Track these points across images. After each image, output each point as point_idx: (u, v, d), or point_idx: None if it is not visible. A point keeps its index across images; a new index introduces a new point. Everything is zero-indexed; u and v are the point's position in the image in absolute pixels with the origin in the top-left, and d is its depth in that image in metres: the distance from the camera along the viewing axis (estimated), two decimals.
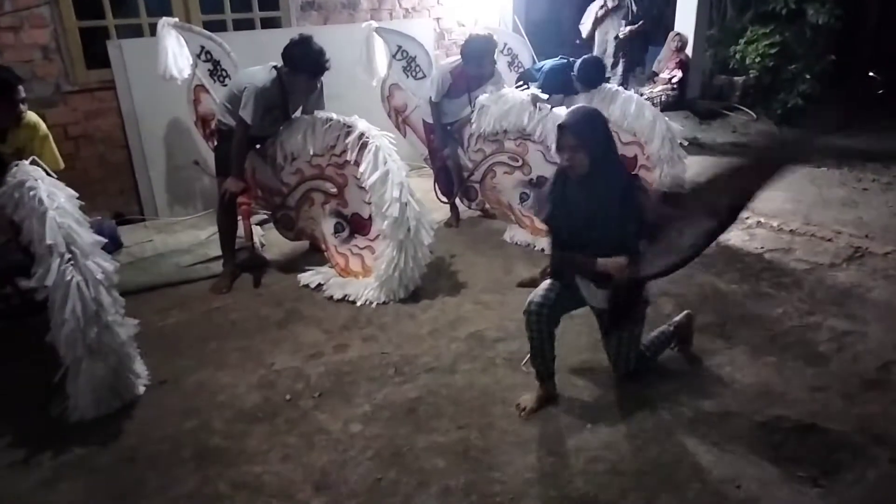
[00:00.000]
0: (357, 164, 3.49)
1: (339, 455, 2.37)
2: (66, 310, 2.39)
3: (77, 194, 2.59)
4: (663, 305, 3.39)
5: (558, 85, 4.47)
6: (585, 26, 7.10)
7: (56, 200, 2.47)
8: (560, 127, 2.40)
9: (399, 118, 4.87)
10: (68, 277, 2.39)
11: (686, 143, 4.47)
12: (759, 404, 2.58)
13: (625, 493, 2.16)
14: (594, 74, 4.41)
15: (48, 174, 2.60)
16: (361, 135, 3.49)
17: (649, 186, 4.35)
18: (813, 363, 2.85)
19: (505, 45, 5.54)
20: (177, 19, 4.31)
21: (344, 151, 3.56)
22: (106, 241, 2.64)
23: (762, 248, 4.07)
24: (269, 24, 5.32)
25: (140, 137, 4.68)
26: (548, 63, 4.63)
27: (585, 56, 4.62)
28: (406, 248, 3.42)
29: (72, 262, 2.42)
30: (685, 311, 2.96)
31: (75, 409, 2.54)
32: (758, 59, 7.62)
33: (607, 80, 4.64)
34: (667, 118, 4.39)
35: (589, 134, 2.37)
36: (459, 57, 4.25)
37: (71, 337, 2.42)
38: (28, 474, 2.32)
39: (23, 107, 2.96)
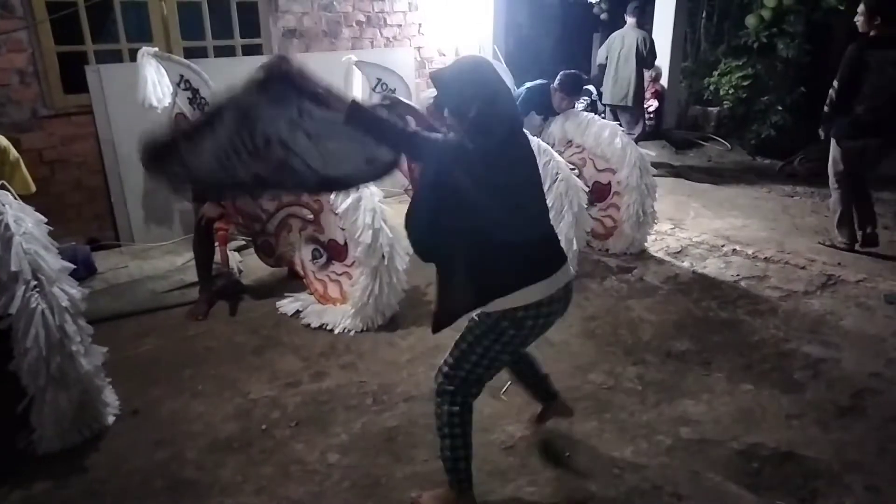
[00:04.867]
0: None
1: (315, 486, 2.32)
2: (29, 338, 2.32)
3: (46, 219, 2.55)
4: (642, 332, 3.42)
5: (537, 105, 4.54)
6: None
7: (23, 226, 2.42)
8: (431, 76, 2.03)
9: None
10: (33, 305, 2.33)
11: (656, 172, 4.54)
12: (736, 431, 2.59)
13: None
14: (571, 83, 4.46)
15: (16, 199, 2.55)
16: None
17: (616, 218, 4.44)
18: (789, 390, 2.88)
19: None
20: (157, 49, 4.32)
21: None
22: (74, 267, 2.58)
23: (738, 275, 4.13)
24: (250, 51, 5.34)
25: (117, 162, 4.64)
26: (528, 84, 4.71)
27: (565, 70, 4.68)
28: (381, 274, 3.41)
29: (37, 289, 2.36)
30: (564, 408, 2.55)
31: (41, 440, 2.47)
32: (731, 91, 7.82)
33: (589, 95, 4.70)
34: (639, 147, 4.48)
35: (449, 86, 1.96)
36: (434, 93, 4.29)
37: (34, 366, 2.35)
38: None
39: None
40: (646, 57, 6.51)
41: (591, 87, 6.61)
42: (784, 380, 2.96)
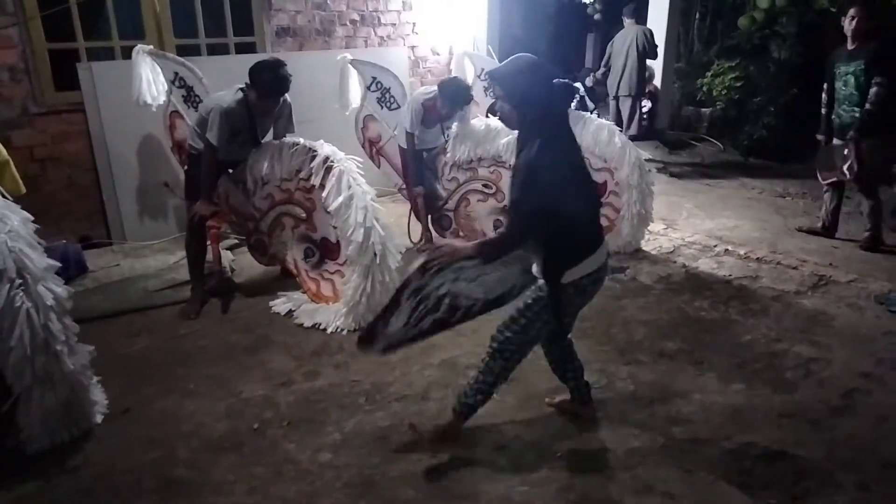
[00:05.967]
0: (322, 187, 3.48)
1: (307, 486, 2.32)
2: (14, 337, 2.30)
3: (32, 217, 2.52)
4: (635, 331, 3.42)
5: None
6: None
7: (8, 224, 2.39)
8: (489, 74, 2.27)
9: (373, 149, 4.87)
10: (17, 304, 2.31)
11: (655, 171, 4.56)
12: (728, 431, 2.60)
13: None
14: (562, 95, 4.47)
15: (4, 196, 2.53)
16: (326, 159, 3.49)
17: (616, 212, 4.46)
18: (780, 390, 2.89)
19: (482, 70, 5.63)
20: (151, 46, 4.30)
21: (311, 175, 3.55)
22: (60, 265, 2.55)
23: (730, 275, 4.14)
24: (244, 49, 5.32)
25: (109, 160, 4.62)
26: None
27: (562, 80, 4.71)
28: (373, 273, 3.40)
29: (22, 287, 2.33)
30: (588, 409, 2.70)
31: (30, 439, 2.44)
32: (724, 92, 7.85)
33: (592, 111, 4.73)
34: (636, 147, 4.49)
35: (512, 82, 2.14)
36: (433, 88, 4.29)
37: (19, 365, 2.33)
38: None
39: None
40: (647, 48, 6.88)
41: (578, 85, 6.68)
42: (775, 379, 2.97)
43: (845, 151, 4.33)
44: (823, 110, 4.61)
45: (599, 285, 2.33)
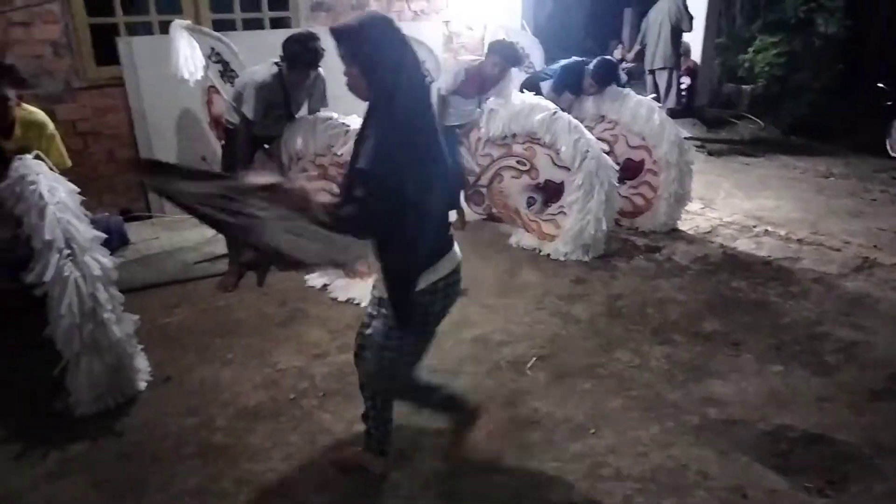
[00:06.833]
0: None
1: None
2: (63, 305, 2.38)
3: (79, 189, 2.59)
4: (669, 312, 3.38)
5: (570, 84, 4.47)
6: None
7: (56, 195, 2.46)
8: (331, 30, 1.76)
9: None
10: (66, 273, 2.39)
11: (694, 150, 4.47)
12: (765, 413, 2.56)
13: (629, 499, 2.15)
14: (604, 74, 4.40)
15: (52, 169, 2.59)
16: None
17: (653, 192, 4.38)
18: (820, 373, 2.83)
19: (517, 44, 5.54)
20: (189, 21, 4.32)
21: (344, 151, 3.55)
22: (106, 236, 2.62)
23: (770, 256, 4.05)
24: (278, 24, 5.32)
25: (148, 134, 4.69)
26: (563, 61, 4.64)
27: (603, 56, 4.63)
28: None
29: (70, 257, 2.41)
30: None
31: (77, 404, 2.54)
32: (766, 68, 7.61)
33: (623, 84, 4.63)
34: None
35: (357, 40, 1.70)
36: (476, 58, 4.24)
37: (68, 332, 2.41)
38: (33, 468, 2.31)
39: (10, 102, 2.90)
40: (681, 19, 6.71)
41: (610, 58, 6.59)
42: (815, 362, 2.91)
43: None
44: None
45: (458, 287, 1.98)
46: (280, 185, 1.73)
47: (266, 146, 3.82)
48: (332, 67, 3.65)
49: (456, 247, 1.94)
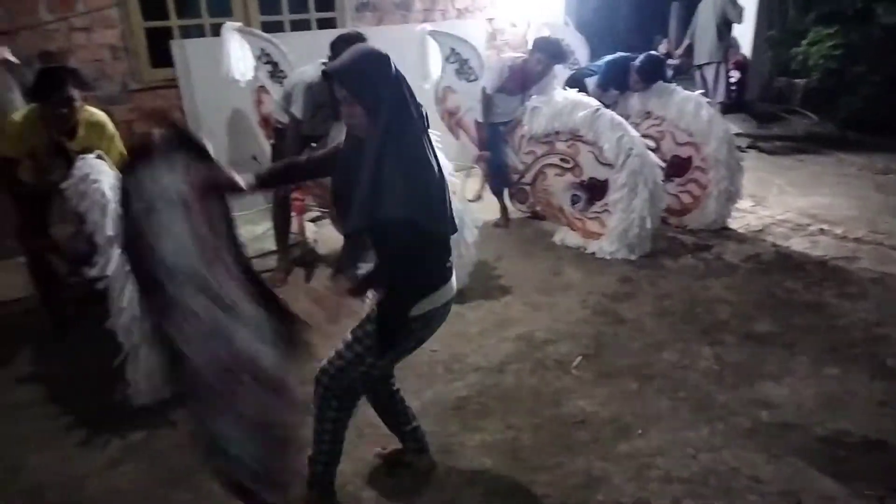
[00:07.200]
0: None
1: None
2: (124, 299, 2.49)
3: None
4: (719, 312, 3.31)
5: (615, 80, 4.42)
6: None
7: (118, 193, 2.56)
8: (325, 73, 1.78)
9: (452, 120, 4.88)
10: (126, 268, 2.48)
11: (744, 146, 4.35)
12: (821, 417, 2.48)
13: (677, 502, 2.11)
14: (650, 70, 4.34)
15: (112, 169, 2.70)
16: None
17: (703, 189, 4.29)
18: (880, 377, 2.73)
19: (562, 40, 5.51)
20: (239, 24, 4.43)
21: None
22: None
23: (825, 255, 3.92)
24: (325, 24, 5.41)
25: (201, 134, 4.82)
26: (608, 57, 4.59)
27: (649, 52, 4.56)
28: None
29: None
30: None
31: (136, 394, 2.64)
32: (821, 61, 7.34)
33: (669, 80, 4.55)
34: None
35: (359, 79, 1.69)
36: (520, 55, 4.23)
37: (128, 325, 2.52)
38: (96, 454, 2.42)
39: (76, 103, 3.00)
40: (728, 11, 6.46)
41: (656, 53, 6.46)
42: (875, 365, 2.81)
43: None
44: None
45: (445, 318, 1.98)
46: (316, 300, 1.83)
47: (313, 145, 3.88)
48: None
49: (454, 278, 1.93)
